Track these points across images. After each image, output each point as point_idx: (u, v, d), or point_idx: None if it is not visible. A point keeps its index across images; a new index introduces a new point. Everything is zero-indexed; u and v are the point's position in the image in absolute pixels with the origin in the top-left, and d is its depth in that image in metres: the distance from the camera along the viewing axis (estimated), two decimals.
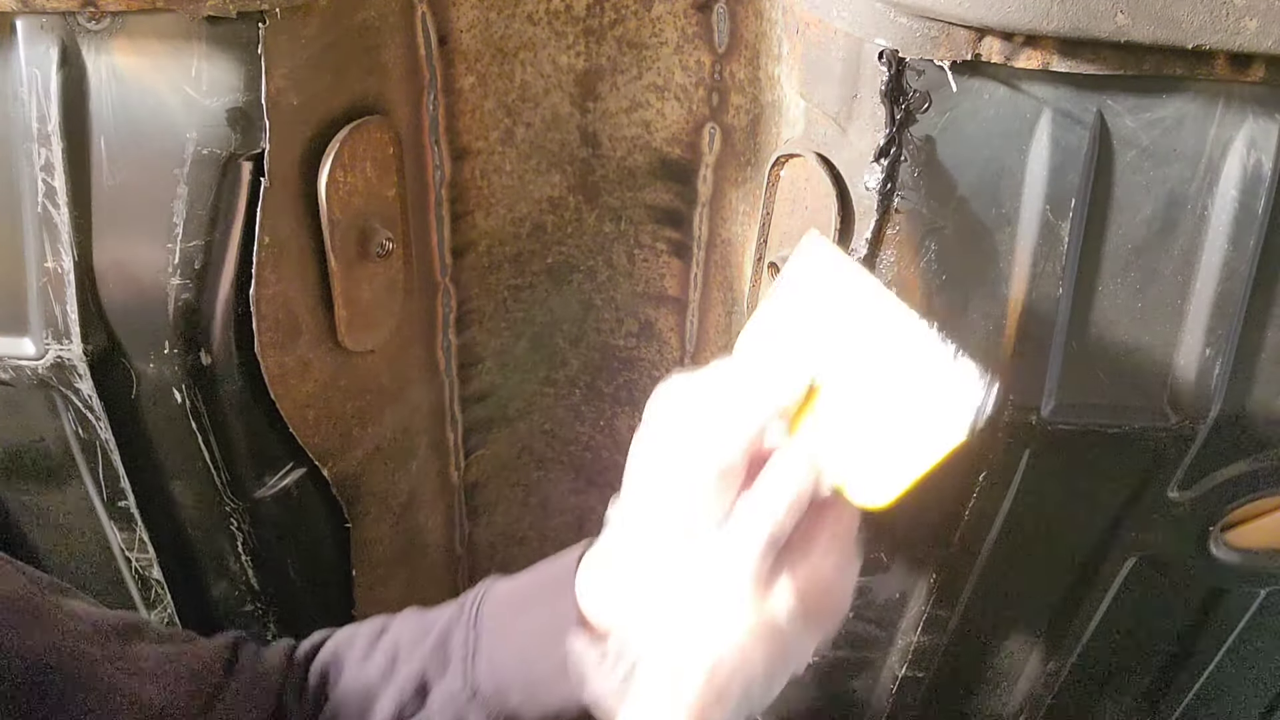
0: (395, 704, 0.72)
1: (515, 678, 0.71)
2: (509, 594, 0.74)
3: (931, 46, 0.67)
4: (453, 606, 0.76)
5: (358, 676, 0.74)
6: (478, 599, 0.75)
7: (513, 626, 0.72)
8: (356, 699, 0.73)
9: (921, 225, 0.72)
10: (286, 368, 0.91)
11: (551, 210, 1.13)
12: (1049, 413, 0.76)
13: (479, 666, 0.72)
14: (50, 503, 0.98)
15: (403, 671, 0.73)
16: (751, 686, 0.62)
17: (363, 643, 0.77)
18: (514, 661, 0.71)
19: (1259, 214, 0.69)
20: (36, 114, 0.78)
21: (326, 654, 0.77)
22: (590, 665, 0.67)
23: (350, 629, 0.79)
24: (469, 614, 0.74)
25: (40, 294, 0.83)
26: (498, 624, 0.73)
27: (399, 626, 0.77)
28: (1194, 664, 1.01)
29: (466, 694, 0.71)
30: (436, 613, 0.77)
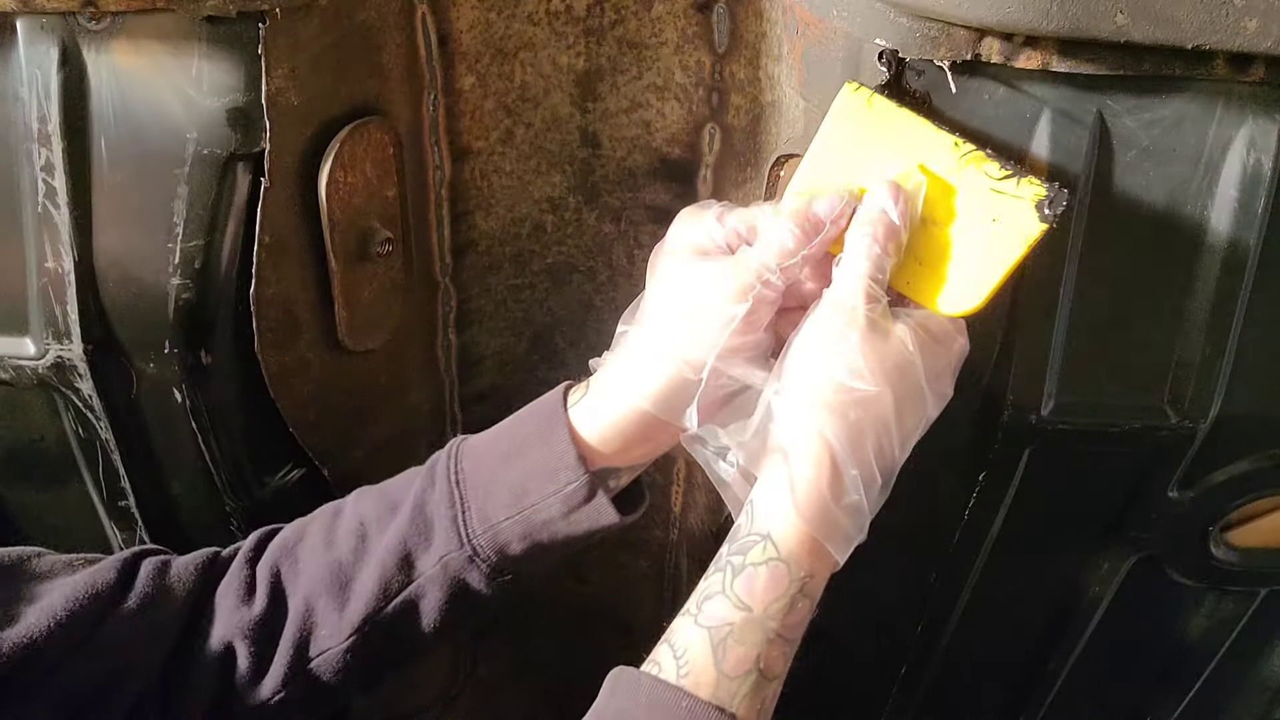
0: (378, 581, 0.71)
1: (514, 530, 0.70)
2: (489, 449, 0.72)
3: (931, 46, 0.67)
4: (417, 475, 0.74)
5: (322, 563, 0.72)
6: (452, 459, 0.73)
7: (502, 478, 0.70)
8: (326, 585, 0.72)
9: None
10: (286, 367, 0.91)
11: (551, 210, 1.13)
12: (1049, 413, 0.76)
13: (472, 525, 0.70)
14: (50, 503, 0.98)
15: (378, 547, 0.71)
16: (886, 426, 0.61)
17: (319, 530, 0.74)
18: (510, 513, 0.70)
19: (1259, 214, 0.69)
20: (37, 114, 0.78)
21: (276, 550, 0.74)
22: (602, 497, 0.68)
23: (296, 523, 0.76)
24: (448, 475, 0.72)
25: (40, 294, 0.83)
26: (484, 479, 0.71)
27: (355, 507, 0.75)
28: (1194, 664, 1.01)
29: (465, 555, 0.70)
30: (396, 485, 0.75)
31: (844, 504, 0.61)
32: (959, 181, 0.64)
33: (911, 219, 0.64)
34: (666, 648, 0.61)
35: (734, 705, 0.59)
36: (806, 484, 0.61)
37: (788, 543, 0.61)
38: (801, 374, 0.62)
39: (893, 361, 0.61)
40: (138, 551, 0.74)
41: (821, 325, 0.63)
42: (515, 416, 0.74)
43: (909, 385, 0.62)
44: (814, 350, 0.63)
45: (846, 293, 0.63)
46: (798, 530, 0.61)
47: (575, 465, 0.68)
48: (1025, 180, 0.62)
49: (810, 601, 0.62)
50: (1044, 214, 0.61)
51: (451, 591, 0.72)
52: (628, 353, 0.70)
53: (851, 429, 0.60)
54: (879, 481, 0.62)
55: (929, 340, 0.63)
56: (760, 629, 0.60)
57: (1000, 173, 0.63)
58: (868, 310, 0.62)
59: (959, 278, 0.64)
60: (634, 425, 0.69)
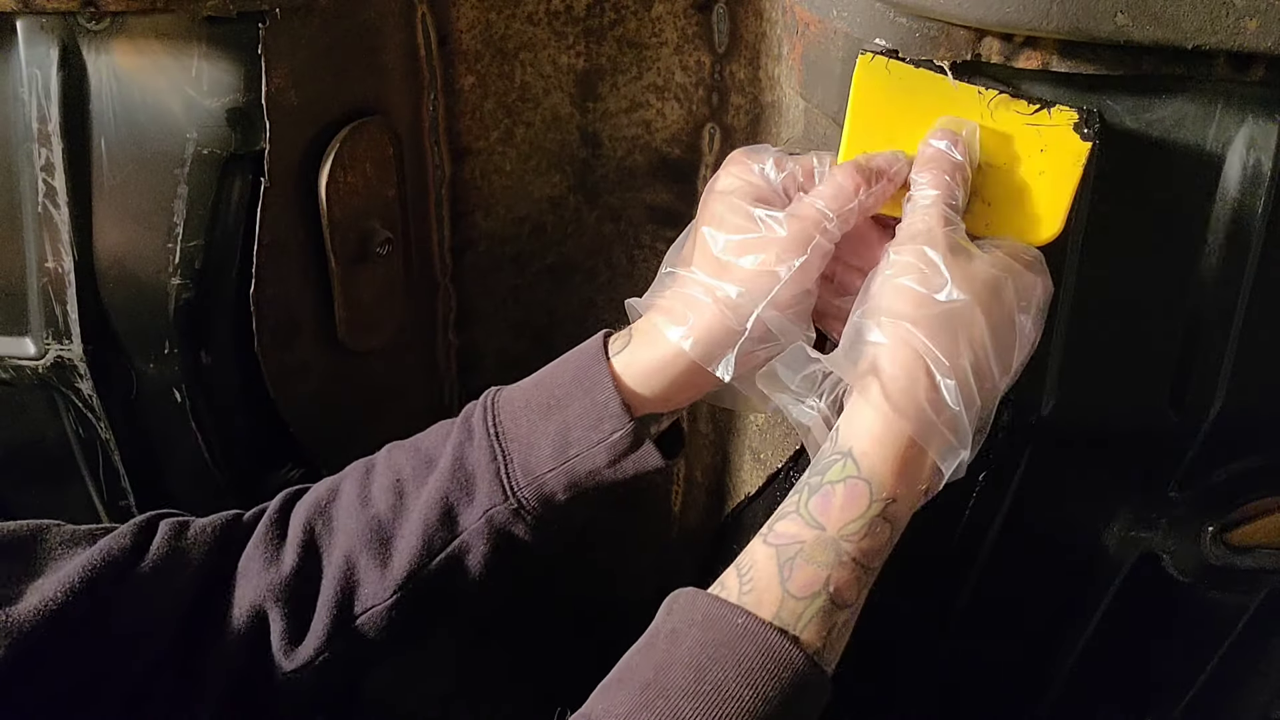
0: (420, 537, 0.70)
1: (559, 480, 0.69)
2: (528, 401, 0.71)
3: (931, 46, 0.67)
4: (453, 427, 0.73)
5: (360, 520, 0.71)
6: (489, 412, 0.72)
7: (544, 429, 0.69)
8: (366, 542, 0.70)
9: None
10: (286, 368, 0.91)
11: (551, 210, 1.13)
12: (1049, 413, 0.76)
13: (516, 478, 0.69)
14: (50, 503, 0.98)
15: (418, 503, 0.70)
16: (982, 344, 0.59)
17: (352, 487, 0.73)
18: (554, 464, 0.69)
19: (1259, 214, 0.69)
20: (37, 114, 0.78)
21: (308, 509, 0.73)
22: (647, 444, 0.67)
23: (324, 483, 0.75)
24: (487, 428, 0.71)
25: (41, 294, 0.83)
26: (525, 430, 0.70)
27: (389, 462, 0.74)
28: (1193, 663, 1.01)
29: (510, 508, 0.70)
30: (429, 439, 0.74)
31: (944, 417, 0.57)
32: (995, 124, 0.66)
33: (972, 160, 0.64)
34: (733, 569, 0.58)
35: (797, 627, 0.55)
36: (900, 388, 0.57)
37: (869, 458, 0.58)
38: (887, 296, 0.60)
39: (981, 278, 0.59)
40: (155, 514, 0.73)
41: (901, 252, 0.61)
42: (553, 366, 0.72)
43: (1002, 305, 0.59)
44: (897, 273, 0.60)
45: (921, 219, 0.62)
46: (883, 445, 0.57)
47: (620, 414, 0.67)
48: (1055, 109, 0.65)
49: (892, 529, 0.58)
50: (1084, 133, 0.64)
51: (496, 544, 0.70)
52: (673, 296, 0.69)
53: (945, 340, 0.58)
54: (978, 404, 0.58)
55: (1016, 265, 0.62)
56: (833, 549, 0.56)
57: (1029, 108, 0.66)
58: (946, 232, 0.61)
59: (1031, 207, 0.66)
60: (678, 372, 0.67)
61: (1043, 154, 0.65)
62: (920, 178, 0.64)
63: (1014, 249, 0.63)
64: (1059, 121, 0.65)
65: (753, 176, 0.68)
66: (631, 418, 0.67)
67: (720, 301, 0.65)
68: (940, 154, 0.64)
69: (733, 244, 0.66)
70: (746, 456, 1.14)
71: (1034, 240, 0.66)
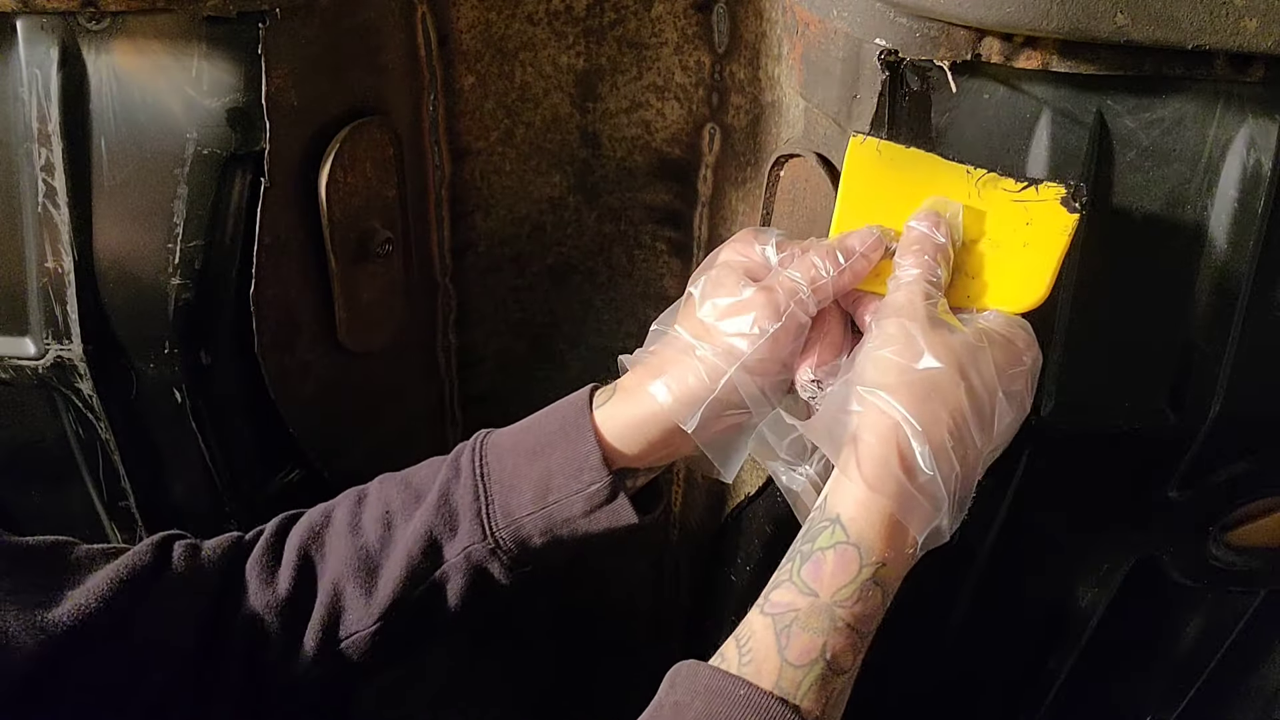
0: (404, 568, 0.72)
1: (536, 524, 0.71)
2: (514, 445, 0.74)
3: (931, 47, 0.67)
4: (441, 464, 0.76)
5: (350, 548, 0.73)
6: (477, 453, 0.74)
7: (526, 474, 0.72)
8: (354, 570, 0.73)
9: None
10: (286, 368, 0.91)
11: (551, 211, 1.13)
12: (1049, 413, 0.76)
13: (496, 519, 0.72)
14: (50, 503, 0.98)
15: (404, 535, 0.73)
16: (961, 411, 0.60)
17: (344, 515, 0.75)
18: (534, 508, 0.71)
19: (1259, 214, 0.69)
20: (37, 114, 0.78)
21: (302, 534, 0.75)
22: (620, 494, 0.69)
23: (318, 509, 0.77)
24: (474, 468, 0.73)
25: (40, 294, 0.83)
26: (509, 474, 0.72)
27: (380, 493, 0.76)
28: (1194, 664, 1.01)
29: (487, 547, 0.72)
30: (419, 474, 0.77)
31: (919, 482, 0.59)
32: (983, 202, 0.67)
33: (954, 240, 0.66)
34: (732, 640, 0.59)
35: (797, 696, 0.56)
36: (874, 459, 0.59)
37: (857, 524, 0.59)
38: (867, 366, 0.62)
39: (958, 347, 0.61)
40: (167, 535, 0.75)
41: (882, 325, 0.63)
42: (541, 414, 0.75)
43: (980, 374, 0.61)
44: (876, 345, 0.62)
45: (903, 294, 0.64)
46: (868, 510, 0.59)
47: (599, 466, 0.69)
48: (1043, 185, 0.66)
49: (883, 592, 0.60)
50: (1071, 205, 0.64)
51: (472, 580, 0.73)
52: (657, 354, 0.72)
53: (921, 407, 0.59)
54: (957, 470, 0.60)
55: (996, 335, 0.63)
56: (827, 615, 0.58)
57: (1016, 185, 0.66)
58: (926, 305, 0.63)
59: (1016, 277, 0.67)
60: (657, 428, 0.69)
61: (1029, 227, 0.66)
62: (903, 260, 0.66)
63: (995, 320, 0.65)
64: (1046, 196, 0.65)
65: (753, 254, 0.71)
66: (610, 471, 0.70)
67: (698, 360, 0.67)
68: (922, 236, 0.66)
69: (716, 309, 0.68)
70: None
71: (1018, 308, 0.66)
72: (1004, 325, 0.64)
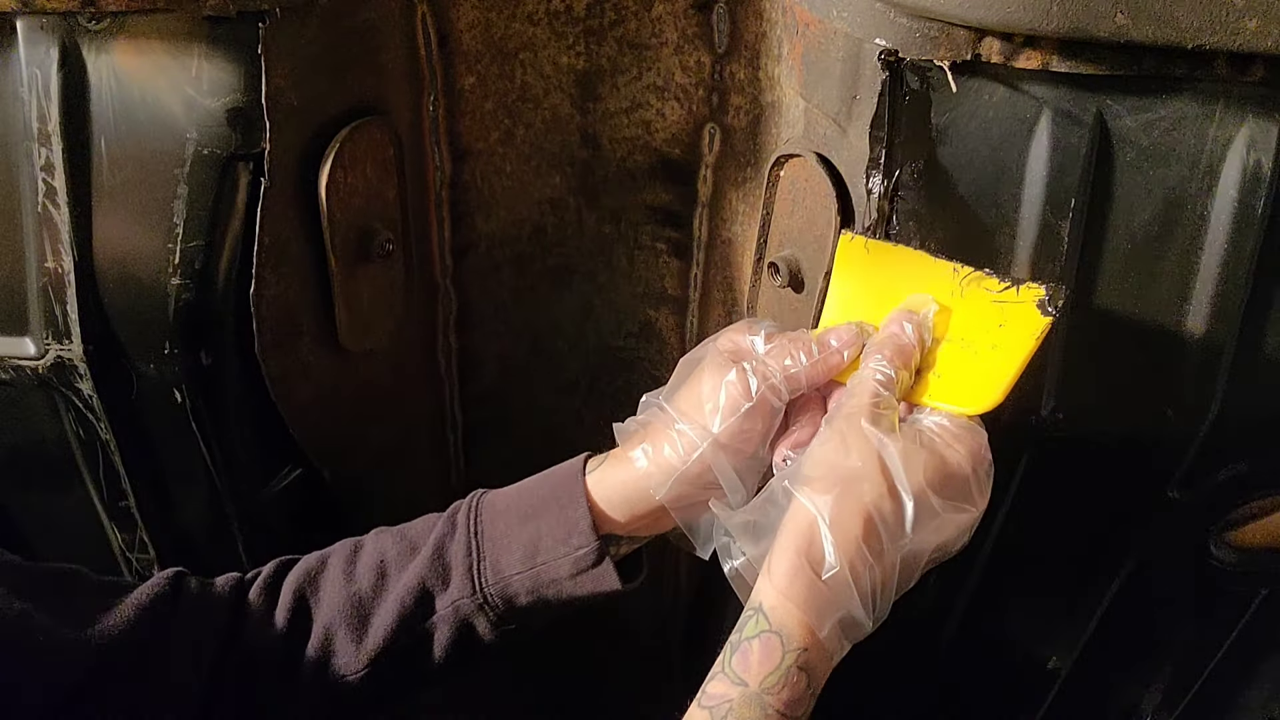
0: (396, 615, 0.75)
1: (522, 584, 0.74)
2: (508, 506, 0.77)
3: (931, 47, 0.67)
4: (437, 521, 0.79)
5: (343, 594, 0.76)
6: (472, 511, 0.78)
7: (518, 536, 0.75)
8: (346, 616, 0.76)
9: (921, 225, 0.72)
10: (286, 369, 0.91)
11: (552, 211, 1.13)
12: (1048, 413, 0.76)
13: (486, 575, 0.75)
14: (50, 503, 0.98)
15: (398, 584, 0.76)
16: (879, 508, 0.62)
17: (339, 562, 0.78)
18: (522, 568, 0.74)
19: (1259, 214, 0.69)
20: (37, 114, 0.78)
21: (298, 578, 0.78)
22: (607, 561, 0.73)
23: (314, 555, 0.80)
24: (469, 525, 0.77)
25: (40, 294, 0.83)
26: (501, 533, 0.76)
27: (375, 544, 0.79)
28: (1194, 664, 1.01)
29: (475, 601, 0.75)
30: (415, 528, 0.80)
31: (824, 577, 0.61)
32: (964, 299, 0.69)
33: (924, 340, 0.69)
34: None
35: None
36: (784, 551, 0.63)
37: (777, 613, 0.62)
38: (805, 463, 0.66)
39: (888, 447, 0.63)
40: (178, 571, 0.78)
41: (829, 423, 0.67)
42: (536, 479, 0.79)
43: (905, 475, 0.63)
44: (818, 443, 0.66)
45: (856, 393, 0.67)
46: (786, 599, 0.62)
47: (588, 531, 0.73)
48: (1024, 287, 0.67)
49: (810, 677, 0.62)
50: (1045, 309, 0.65)
51: (458, 632, 0.76)
52: (642, 425, 0.76)
53: (837, 503, 0.62)
54: (872, 566, 0.62)
55: (937, 437, 0.65)
56: (758, 704, 0.60)
57: (999, 286, 0.68)
58: (871, 404, 0.65)
59: (976, 379, 0.67)
60: (638, 497, 0.73)
61: (1001, 328, 0.67)
62: (865, 358, 0.69)
63: (942, 422, 0.66)
64: (1025, 298, 0.67)
65: (743, 342, 0.74)
66: (598, 536, 0.73)
67: (676, 434, 0.71)
68: (891, 336, 0.69)
69: (698, 387, 0.72)
70: None
71: (971, 410, 0.67)
72: (950, 428, 0.66)
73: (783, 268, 0.84)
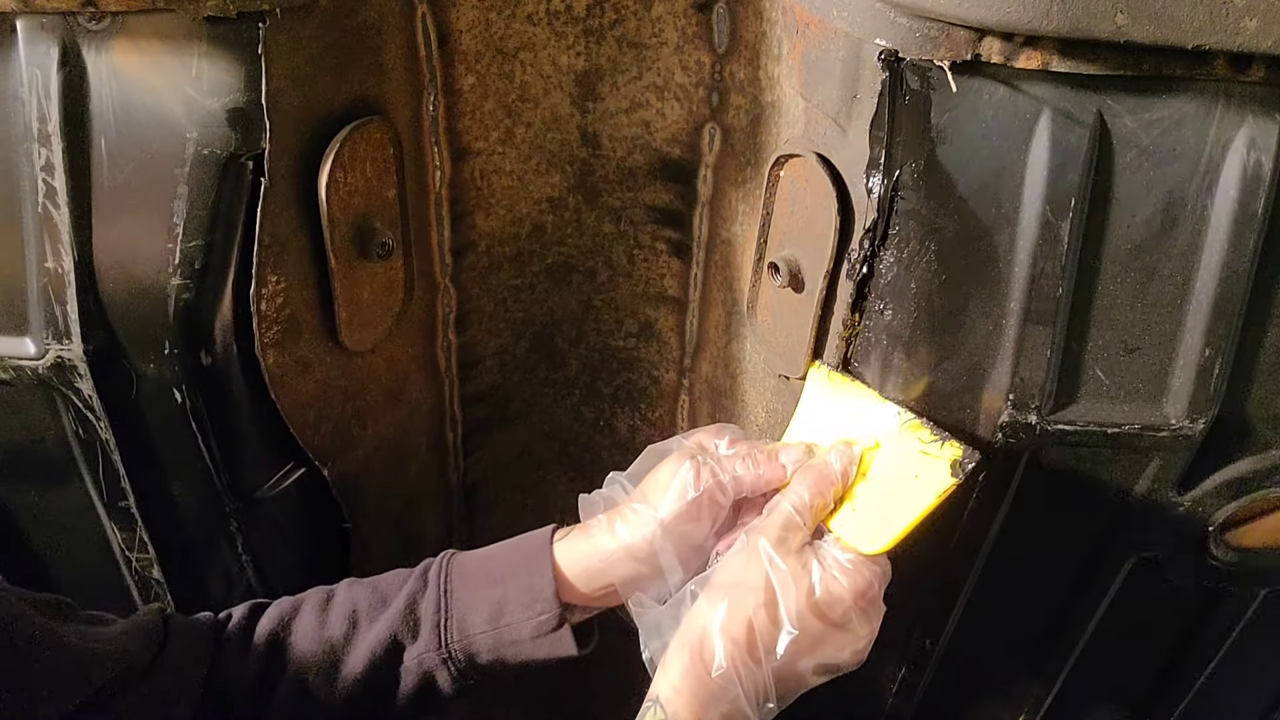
0: (366, 663, 0.79)
1: (485, 642, 0.80)
2: (478, 567, 0.83)
3: (931, 47, 0.67)
4: (409, 576, 0.84)
5: (317, 639, 0.80)
6: (443, 571, 0.83)
7: (486, 597, 0.81)
8: (319, 661, 0.80)
9: (921, 225, 0.72)
10: (286, 368, 0.91)
11: (551, 210, 1.13)
12: (1048, 413, 0.76)
13: (452, 632, 0.80)
14: (50, 503, 0.98)
15: (369, 633, 0.80)
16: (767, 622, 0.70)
17: (311, 610, 0.82)
18: (487, 627, 0.80)
19: (1259, 214, 0.69)
20: (37, 114, 0.78)
21: (271, 622, 0.82)
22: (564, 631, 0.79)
23: (286, 600, 0.84)
24: (439, 583, 0.82)
25: (40, 294, 0.83)
26: (470, 593, 0.81)
27: (347, 594, 0.83)
28: (1193, 664, 1.01)
29: (440, 655, 0.80)
30: (385, 582, 0.84)
31: (714, 675, 0.69)
32: (897, 443, 0.76)
33: (849, 473, 0.76)
34: None
35: None
36: (680, 648, 0.71)
37: (673, 704, 0.69)
38: (717, 571, 0.74)
39: (779, 570, 0.71)
40: (161, 607, 0.82)
41: (744, 536, 0.74)
42: (506, 546, 0.85)
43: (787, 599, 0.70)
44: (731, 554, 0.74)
45: (770, 512, 0.75)
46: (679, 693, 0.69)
47: (552, 599, 0.79)
48: (948, 443, 0.73)
49: None
50: (956, 471, 0.71)
51: (422, 684, 0.80)
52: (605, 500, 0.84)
53: (727, 608, 0.70)
54: (751, 667, 0.69)
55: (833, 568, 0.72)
56: None
57: (930, 438, 0.74)
58: (780, 527, 0.73)
59: (878, 521, 0.73)
60: (596, 572, 0.80)
61: (915, 479, 0.73)
62: (796, 479, 0.77)
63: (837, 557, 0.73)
64: (943, 456, 0.72)
65: (709, 443, 0.83)
66: (560, 603, 0.80)
67: (631, 512, 0.80)
68: (821, 465, 0.76)
69: (658, 475, 0.80)
70: None
71: (864, 551, 0.73)
72: (842, 562, 0.72)
73: (783, 268, 0.84)
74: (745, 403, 1.11)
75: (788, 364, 0.91)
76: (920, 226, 0.72)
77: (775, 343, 0.93)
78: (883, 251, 0.74)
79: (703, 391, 1.21)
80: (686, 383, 1.24)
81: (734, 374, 1.12)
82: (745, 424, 1.12)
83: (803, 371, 0.85)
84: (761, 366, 1.03)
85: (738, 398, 1.12)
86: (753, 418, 1.09)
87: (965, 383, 0.77)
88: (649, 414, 1.29)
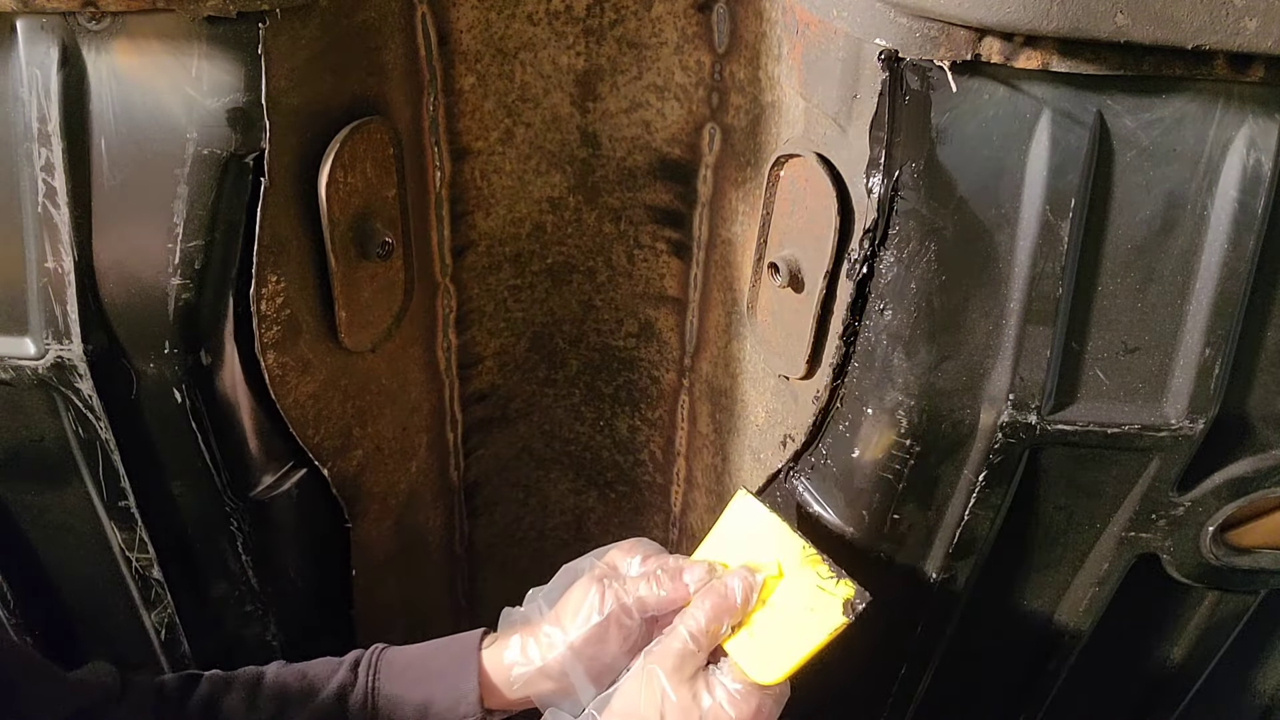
0: None
1: None
2: (407, 665, 0.87)
3: (931, 47, 0.67)
4: (338, 666, 0.87)
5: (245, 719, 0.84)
6: (372, 666, 0.87)
7: (412, 696, 0.84)
8: None
9: (921, 225, 0.72)
10: (286, 367, 0.91)
11: (551, 210, 1.13)
12: (1048, 412, 0.76)
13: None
14: (50, 503, 0.98)
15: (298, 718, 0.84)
16: None
17: (240, 690, 0.86)
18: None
19: (1259, 214, 0.69)
20: (37, 114, 0.78)
21: (203, 698, 0.85)
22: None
23: (219, 675, 0.87)
24: (367, 680, 0.86)
25: (40, 294, 0.83)
26: (398, 691, 0.85)
27: (278, 677, 0.87)
28: (1193, 664, 1.01)
29: None
30: (315, 669, 0.88)
31: None
32: (798, 575, 0.78)
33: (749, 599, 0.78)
34: None
35: None
36: None
37: None
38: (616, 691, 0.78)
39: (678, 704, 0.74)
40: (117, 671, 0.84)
41: (644, 659, 0.78)
42: (435, 646, 0.88)
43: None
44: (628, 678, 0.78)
45: (667, 635, 0.78)
46: None
47: (476, 703, 0.83)
48: (843, 582, 0.76)
49: None
50: (847, 611, 0.74)
51: None
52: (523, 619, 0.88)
53: None
54: None
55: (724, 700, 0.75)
56: None
57: (828, 574, 0.77)
58: (677, 652, 0.76)
59: (771, 652, 0.76)
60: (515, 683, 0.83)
61: (810, 613, 0.75)
62: (695, 602, 0.79)
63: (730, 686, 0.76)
64: (837, 594, 0.75)
65: (620, 563, 0.86)
66: (484, 709, 0.84)
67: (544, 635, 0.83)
68: (721, 589, 0.79)
69: (570, 597, 0.84)
70: (746, 456, 1.14)
71: (756, 681, 0.76)
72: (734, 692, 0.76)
73: (783, 268, 0.84)
74: (745, 403, 1.11)
75: (788, 364, 0.91)
76: (920, 226, 0.72)
77: (775, 343, 0.93)
78: (883, 251, 0.74)
79: (703, 391, 1.21)
80: (686, 383, 1.24)
81: (734, 374, 1.12)
82: (745, 424, 1.12)
83: (799, 375, 0.86)
84: (761, 366, 1.03)
85: (738, 398, 1.12)
86: (753, 418, 1.09)
87: (965, 383, 0.77)
88: (649, 414, 1.29)
